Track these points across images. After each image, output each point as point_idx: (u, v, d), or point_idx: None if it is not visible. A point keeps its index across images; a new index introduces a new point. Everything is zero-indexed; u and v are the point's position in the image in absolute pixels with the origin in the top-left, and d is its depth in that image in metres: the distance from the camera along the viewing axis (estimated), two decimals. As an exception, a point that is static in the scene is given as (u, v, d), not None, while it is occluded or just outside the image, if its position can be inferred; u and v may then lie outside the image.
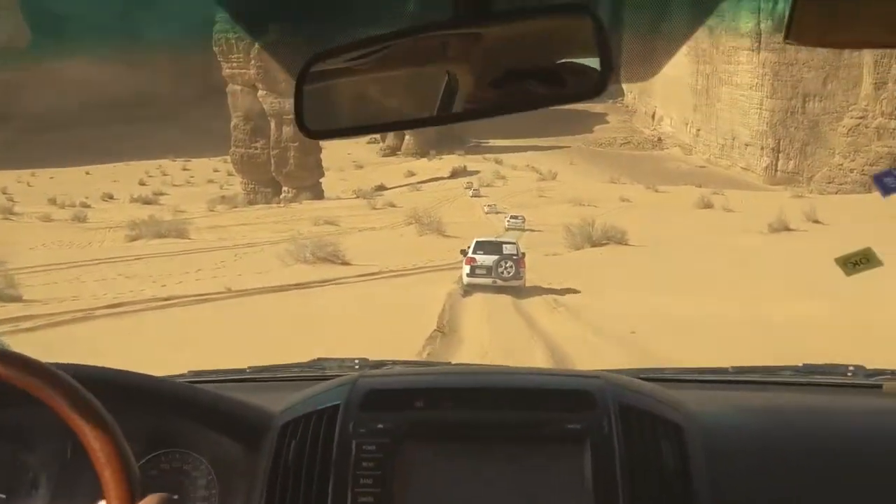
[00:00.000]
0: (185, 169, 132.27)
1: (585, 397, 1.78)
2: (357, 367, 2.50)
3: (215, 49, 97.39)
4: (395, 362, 2.56)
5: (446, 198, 67.94)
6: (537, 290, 19.07)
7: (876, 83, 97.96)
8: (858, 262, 2.40)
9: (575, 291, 18.67)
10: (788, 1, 1.15)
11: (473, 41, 1.29)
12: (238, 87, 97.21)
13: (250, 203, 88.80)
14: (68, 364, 1.53)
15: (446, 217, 42.10)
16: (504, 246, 20.09)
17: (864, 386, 2.19)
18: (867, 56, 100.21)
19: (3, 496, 1.69)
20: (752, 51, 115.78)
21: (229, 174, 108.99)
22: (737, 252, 25.20)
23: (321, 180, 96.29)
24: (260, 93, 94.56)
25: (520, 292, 18.99)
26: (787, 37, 1.18)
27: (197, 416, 1.80)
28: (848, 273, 2.40)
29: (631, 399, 1.80)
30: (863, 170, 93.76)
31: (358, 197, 72.44)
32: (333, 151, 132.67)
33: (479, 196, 71.96)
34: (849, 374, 2.29)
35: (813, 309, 13.13)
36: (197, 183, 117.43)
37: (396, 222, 39.92)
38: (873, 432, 1.85)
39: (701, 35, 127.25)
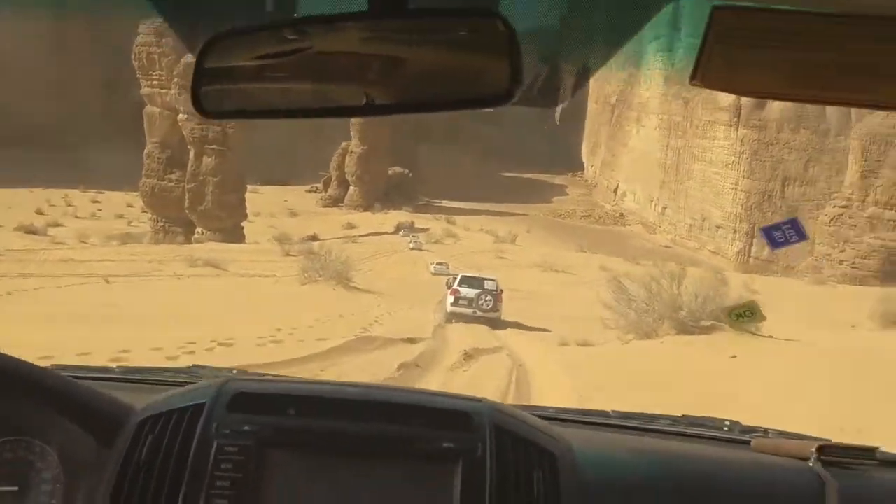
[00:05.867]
0: (94, 201, 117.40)
1: (462, 417, 1.74)
2: (234, 374, 2.28)
3: (135, 63, 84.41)
4: (274, 376, 2.29)
5: (383, 251, 55.40)
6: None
7: (863, 171, 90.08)
8: (743, 314, 2.39)
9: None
10: (697, 44, 1.18)
11: (385, 38, 1.28)
12: (157, 110, 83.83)
13: (156, 243, 74.89)
14: None
15: (377, 269, 29.92)
16: (485, 282, 23.96)
17: (735, 441, 2.24)
18: (854, 142, 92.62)
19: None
20: (730, 126, 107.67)
21: (143, 210, 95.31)
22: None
23: (243, 224, 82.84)
24: (180, 116, 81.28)
25: (496, 324, 22.95)
26: (692, 79, 1.21)
27: (49, 401, 1.67)
28: (732, 324, 2.41)
29: (508, 424, 1.76)
30: (853, 262, 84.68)
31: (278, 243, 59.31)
32: (267, 197, 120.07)
33: (420, 250, 59.81)
34: (724, 428, 2.36)
35: None
36: (103, 217, 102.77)
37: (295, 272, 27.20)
38: (738, 481, 1.94)
39: (674, 107, 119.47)
